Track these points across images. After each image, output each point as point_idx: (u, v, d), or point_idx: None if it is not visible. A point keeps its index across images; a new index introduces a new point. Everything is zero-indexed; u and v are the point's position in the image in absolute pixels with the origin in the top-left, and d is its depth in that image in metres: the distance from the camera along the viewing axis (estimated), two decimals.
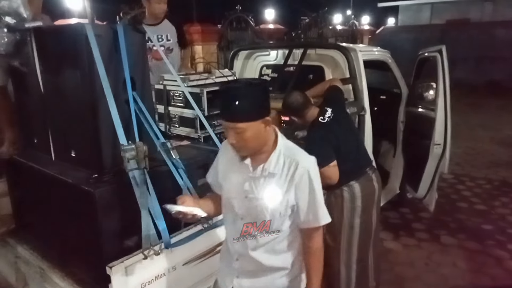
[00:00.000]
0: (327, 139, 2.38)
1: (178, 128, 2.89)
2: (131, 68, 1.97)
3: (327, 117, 2.43)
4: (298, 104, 2.48)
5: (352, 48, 3.13)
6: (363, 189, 2.44)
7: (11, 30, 1.91)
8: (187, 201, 1.53)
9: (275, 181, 1.46)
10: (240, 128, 1.35)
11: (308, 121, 2.50)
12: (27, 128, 2.40)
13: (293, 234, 1.56)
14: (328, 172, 2.34)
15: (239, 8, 10.18)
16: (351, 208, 2.44)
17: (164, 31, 3.49)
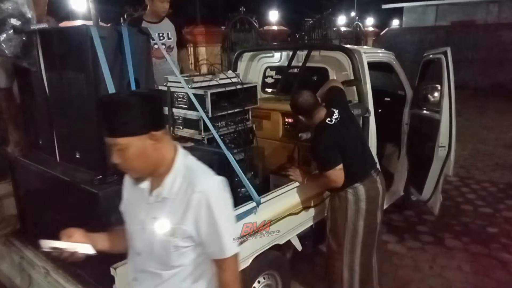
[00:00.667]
0: (334, 142, 2.37)
1: (182, 130, 2.90)
2: (135, 69, 1.99)
3: (334, 119, 2.43)
4: (308, 104, 2.45)
5: (356, 50, 3.12)
6: (367, 191, 2.43)
7: (17, 31, 1.92)
8: (75, 236, 1.34)
9: (168, 208, 1.24)
10: (121, 144, 1.16)
11: (315, 122, 2.49)
12: (32, 130, 2.41)
13: (200, 268, 1.32)
14: (334, 175, 2.34)
15: (243, 9, 10.19)
16: (355, 211, 2.43)
17: (165, 29, 3.51)
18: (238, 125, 2.93)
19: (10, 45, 1.91)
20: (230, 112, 2.85)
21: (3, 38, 1.88)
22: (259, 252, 2.22)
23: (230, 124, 2.89)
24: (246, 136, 2.97)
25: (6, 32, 1.89)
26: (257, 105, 3.09)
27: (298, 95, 2.50)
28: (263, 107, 3.27)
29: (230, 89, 2.84)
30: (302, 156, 3.11)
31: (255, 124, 3.18)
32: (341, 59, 3.22)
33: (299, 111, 2.51)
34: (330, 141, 2.38)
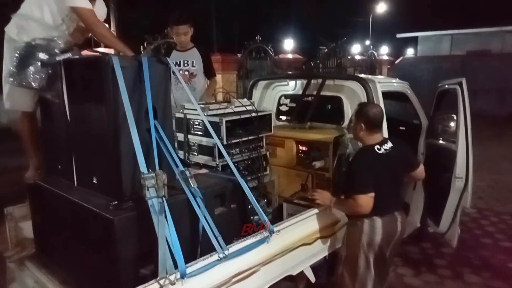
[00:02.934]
0: (374, 169, 2.35)
1: (196, 156, 2.93)
2: (153, 97, 2.04)
3: (384, 149, 2.41)
4: (377, 119, 2.43)
5: (371, 80, 3.15)
6: (384, 226, 2.39)
7: (44, 65, 2.00)
8: None
9: None
10: None
11: (365, 140, 2.46)
12: (51, 154, 2.47)
13: None
14: (363, 201, 2.30)
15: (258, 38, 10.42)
16: (368, 243, 2.39)
17: (190, 57, 3.74)
18: (252, 153, 2.95)
19: (36, 78, 1.99)
20: (245, 140, 2.89)
21: (30, 71, 1.97)
22: (271, 282, 2.18)
23: (244, 151, 2.92)
24: (260, 164, 2.98)
25: (34, 65, 1.98)
26: (271, 132, 3.12)
27: (376, 106, 2.50)
28: (277, 135, 3.29)
29: (245, 117, 2.89)
30: (316, 185, 3.09)
31: (269, 151, 3.20)
32: (355, 88, 3.25)
33: (364, 118, 2.44)
34: (370, 167, 2.36)
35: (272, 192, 3.21)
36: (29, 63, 1.99)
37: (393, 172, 2.44)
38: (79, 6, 2.33)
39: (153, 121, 2.03)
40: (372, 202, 2.31)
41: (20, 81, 2.01)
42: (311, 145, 3.12)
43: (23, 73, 1.99)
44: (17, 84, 2.04)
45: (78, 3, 2.32)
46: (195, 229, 2.05)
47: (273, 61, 10.61)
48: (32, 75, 1.98)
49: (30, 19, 2.32)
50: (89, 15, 2.37)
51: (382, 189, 2.35)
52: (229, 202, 2.30)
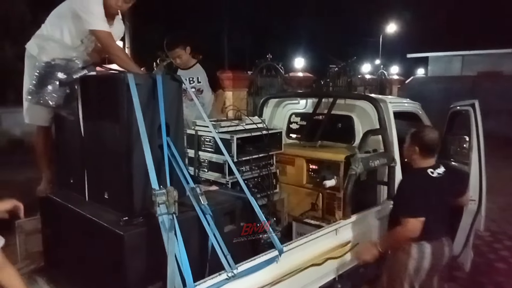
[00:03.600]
0: (426, 193, 2.31)
1: (207, 173, 2.94)
2: (166, 114, 2.06)
3: (437, 173, 2.39)
4: (432, 144, 2.41)
5: (382, 99, 3.15)
6: (433, 251, 2.34)
7: (62, 84, 2.05)
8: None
9: None
10: None
11: (419, 163, 2.44)
12: (64, 168, 2.50)
13: None
14: (414, 225, 2.24)
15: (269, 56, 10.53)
16: (415, 269, 2.33)
17: (195, 74, 3.82)
18: (262, 170, 2.95)
19: (54, 97, 2.04)
20: (255, 157, 2.89)
21: (49, 90, 2.02)
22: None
23: (254, 169, 2.91)
24: (270, 181, 2.98)
25: (52, 84, 2.03)
26: (282, 150, 3.12)
27: (433, 131, 2.47)
28: (288, 153, 3.29)
29: (256, 134, 2.90)
30: (326, 205, 3.07)
31: (279, 169, 3.19)
32: (366, 108, 3.25)
33: (420, 142, 2.42)
34: (423, 190, 2.32)
35: (281, 210, 3.19)
36: (48, 82, 2.04)
37: (443, 196, 2.40)
38: (97, 29, 2.41)
39: (166, 137, 2.05)
40: (421, 227, 2.24)
41: (38, 100, 2.06)
42: (322, 164, 3.11)
43: (41, 91, 2.04)
44: (35, 102, 2.10)
45: (97, 26, 2.40)
46: (204, 247, 2.04)
47: (284, 79, 10.68)
48: (50, 94, 2.03)
49: (50, 40, 2.40)
50: (107, 37, 2.45)
51: (432, 213, 2.29)
52: (239, 220, 2.29)
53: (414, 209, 2.27)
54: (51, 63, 2.07)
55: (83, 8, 2.39)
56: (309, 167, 3.23)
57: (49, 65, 2.06)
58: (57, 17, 2.52)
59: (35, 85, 2.06)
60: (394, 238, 2.41)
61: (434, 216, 2.31)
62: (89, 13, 2.39)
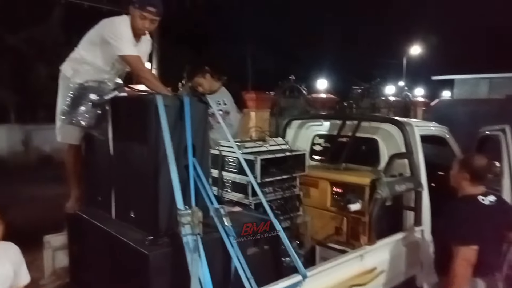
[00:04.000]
0: (478, 221, 2.24)
1: (230, 193, 2.94)
2: (193, 135, 2.10)
3: (488, 201, 2.34)
4: (482, 170, 2.39)
5: (408, 123, 3.11)
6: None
7: (94, 106, 2.14)
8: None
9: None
10: None
11: (468, 190, 2.40)
12: (92, 186, 2.56)
13: None
14: (468, 254, 2.15)
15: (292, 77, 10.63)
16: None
17: (220, 97, 3.86)
18: (285, 192, 2.93)
19: (86, 118, 2.13)
20: (278, 179, 2.88)
21: (81, 110, 2.10)
22: None
23: (277, 190, 2.90)
24: (293, 204, 2.95)
25: (85, 105, 2.12)
26: (305, 172, 3.10)
27: (482, 159, 2.45)
28: (311, 175, 3.26)
29: (280, 156, 2.90)
30: (350, 229, 3.01)
31: (302, 191, 3.16)
32: (392, 131, 3.21)
33: (470, 169, 2.39)
34: (473, 217, 2.25)
35: (304, 233, 3.14)
36: (81, 103, 2.13)
37: (496, 227, 2.30)
38: (126, 54, 2.52)
39: (192, 158, 2.08)
40: (475, 257, 2.14)
41: (71, 120, 2.15)
42: (346, 187, 3.06)
43: (74, 112, 2.13)
44: (68, 122, 2.18)
45: (125, 51, 2.51)
46: (227, 269, 2.03)
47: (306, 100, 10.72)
48: (82, 115, 2.11)
49: (84, 63, 2.53)
50: (136, 61, 2.56)
51: (484, 244, 2.18)
52: (262, 243, 2.27)
53: (465, 237, 2.17)
54: (84, 85, 2.16)
55: (112, 35, 2.50)
56: (333, 190, 3.19)
57: (82, 87, 2.15)
58: (88, 42, 2.65)
59: (69, 106, 2.15)
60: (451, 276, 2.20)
61: (486, 247, 2.18)
62: (117, 39, 2.50)
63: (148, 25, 2.57)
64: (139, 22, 2.54)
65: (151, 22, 2.56)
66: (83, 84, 2.16)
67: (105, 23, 2.58)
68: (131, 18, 2.56)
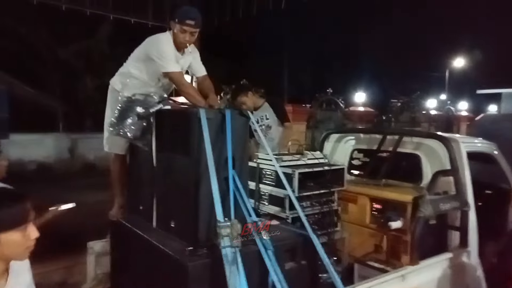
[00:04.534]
0: None
1: (266, 206, 2.94)
2: (233, 147, 2.13)
3: None
4: None
5: (454, 139, 2.99)
6: None
7: (140, 118, 2.23)
8: None
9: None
10: None
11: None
12: (135, 195, 2.65)
13: None
14: None
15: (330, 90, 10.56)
16: None
17: (263, 112, 4.08)
18: (323, 207, 2.89)
19: (132, 129, 2.22)
20: (316, 193, 2.85)
21: (128, 122, 2.20)
22: None
23: (315, 205, 2.86)
24: (331, 219, 2.90)
25: (131, 118, 2.21)
26: (344, 187, 3.05)
27: None
28: (350, 190, 3.20)
29: (318, 170, 2.87)
30: (390, 247, 2.91)
31: (340, 207, 3.11)
32: (435, 147, 3.10)
33: None
34: None
35: (342, 250, 3.07)
36: (128, 115, 2.23)
37: None
38: (169, 72, 2.62)
39: (232, 170, 2.11)
40: None
41: (118, 132, 2.24)
42: (387, 204, 2.97)
43: (121, 124, 2.23)
44: (115, 133, 2.28)
45: (168, 69, 2.61)
46: (264, 283, 2.01)
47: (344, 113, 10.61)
48: (129, 127, 2.20)
49: (131, 77, 2.64)
50: (178, 77, 2.65)
51: None
52: (300, 257, 2.24)
53: None
54: (131, 98, 2.26)
55: (156, 53, 2.61)
56: (373, 206, 3.11)
57: (130, 100, 2.25)
58: (135, 58, 2.78)
59: (117, 118, 2.25)
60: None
61: None
62: (161, 58, 2.60)
63: (189, 38, 2.64)
64: (180, 36, 2.62)
65: (191, 34, 2.64)
66: (130, 97, 2.26)
67: (149, 41, 2.70)
68: (173, 33, 2.65)
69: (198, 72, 2.93)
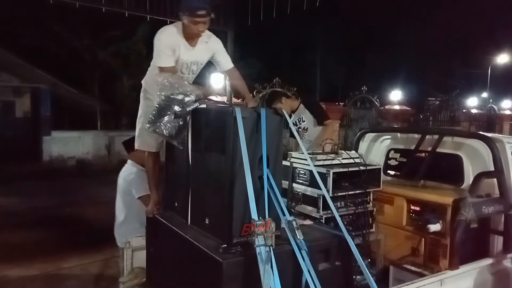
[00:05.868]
0: None
1: (299, 206, 2.92)
2: (267, 146, 2.12)
3: None
4: None
5: (498, 139, 2.85)
6: None
7: (176, 116, 2.26)
8: None
9: None
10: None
11: None
12: (171, 192, 2.70)
13: None
14: None
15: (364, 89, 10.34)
16: None
17: (299, 114, 4.19)
18: (358, 207, 2.84)
19: (168, 127, 2.25)
20: (351, 193, 2.80)
21: (165, 120, 2.24)
22: None
23: (349, 205, 2.82)
24: (366, 220, 2.84)
25: (168, 116, 2.25)
26: (380, 188, 2.98)
27: None
28: (386, 191, 3.12)
29: (353, 170, 2.82)
30: (428, 251, 2.81)
31: (376, 208, 3.04)
32: (478, 147, 2.97)
33: None
34: None
35: (377, 252, 3.01)
36: (165, 114, 2.26)
37: None
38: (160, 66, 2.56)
39: (266, 169, 2.10)
40: None
41: (155, 129, 2.29)
42: (425, 206, 2.88)
43: (158, 121, 2.27)
44: (152, 131, 2.33)
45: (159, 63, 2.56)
46: (298, 283, 2.00)
47: (378, 112, 10.36)
48: (165, 125, 2.24)
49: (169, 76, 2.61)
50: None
51: None
52: (334, 258, 2.21)
53: None
54: (170, 97, 2.30)
55: (156, 45, 2.59)
56: (410, 208, 3.02)
57: (168, 99, 2.29)
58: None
59: (154, 115, 2.29)
60: None
61: None
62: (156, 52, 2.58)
63: (202, 28, 2.55)
64: (193, 28, 2.53)
65: (204, 23, 2.53)
66: (169, 96, 2.30)
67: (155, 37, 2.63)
68: (184, 25, 2.57)
69: (225, 65, 2.83)
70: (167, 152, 2.71)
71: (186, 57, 2.66)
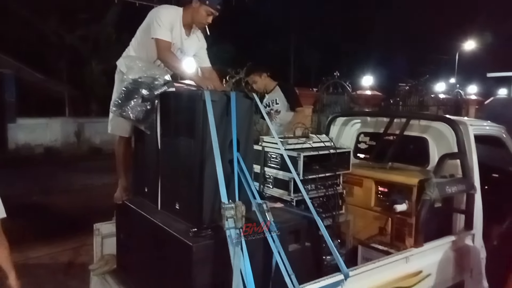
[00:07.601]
0: None
1: (271, 189, 2.94)
2: (238, 130, 2.11)
3: None
4: None
5: (462, 121, 2.95)
6: None
7: (144, 100, 2.22)
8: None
9: None
10: None
11: None
12: (140, 178, 2.66)
13: None
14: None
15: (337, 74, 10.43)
16: None
17: (273, 96, 4.17)
18: (328, 190, 2.88)
19: (135, 111, 2.21)
20: (321, 176, 2.84)
21: (131, 104, 2.19)
22: None
23: (320, 188, 2.86)
24: (336, 202, 2.90)
25: (135, 100, 2.20)
26: (350, 170, 3.04)
27: None
28: (355, 173, 3.19)
29: (323, 153, 2.86)
30: (395, 230, 2.91)
31: (345, 190, 3.10)
32: (443, 130, 3.06)
33: None
34: None
35: (346, 232, 3.09)
36: (132, 97, 2.22)
37: None
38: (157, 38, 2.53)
39: (236, 153, 2.10)
40: None
41: (121, 112, 2.24)
42: (392, 187, 2.96)
43: (125, 105, 2.22)
44: (118, 114, 2.28)
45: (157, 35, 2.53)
46: (268, 264, 2.03)
47: (350, 97, 10.50)
48: (132, 108, 2.20)
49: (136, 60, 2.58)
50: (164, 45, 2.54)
51: None
52: (304, 239, 2.25)
53: None
54: (137, 81, 2.24)
55: (156, 17, 2.55)
56: (378, 189, 3.10)
57: (135, 82, 2.24)
58: (141, 35, 2.71)
59: (121, 99, 2.24)
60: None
61: None
62: (156, 23, 2.53)
63: (209, 21, 2.64)
64: (203, 17, 2.59)
65: (212, 18, 2.63)
66: (136, 80, 2.24)
67: (155, 9, 2.66)
68: (192, 11, 2.60)
69: (204, 62, 2.91)
70: (136, 136, 2.66)
71: (178, 43, 2.65)
